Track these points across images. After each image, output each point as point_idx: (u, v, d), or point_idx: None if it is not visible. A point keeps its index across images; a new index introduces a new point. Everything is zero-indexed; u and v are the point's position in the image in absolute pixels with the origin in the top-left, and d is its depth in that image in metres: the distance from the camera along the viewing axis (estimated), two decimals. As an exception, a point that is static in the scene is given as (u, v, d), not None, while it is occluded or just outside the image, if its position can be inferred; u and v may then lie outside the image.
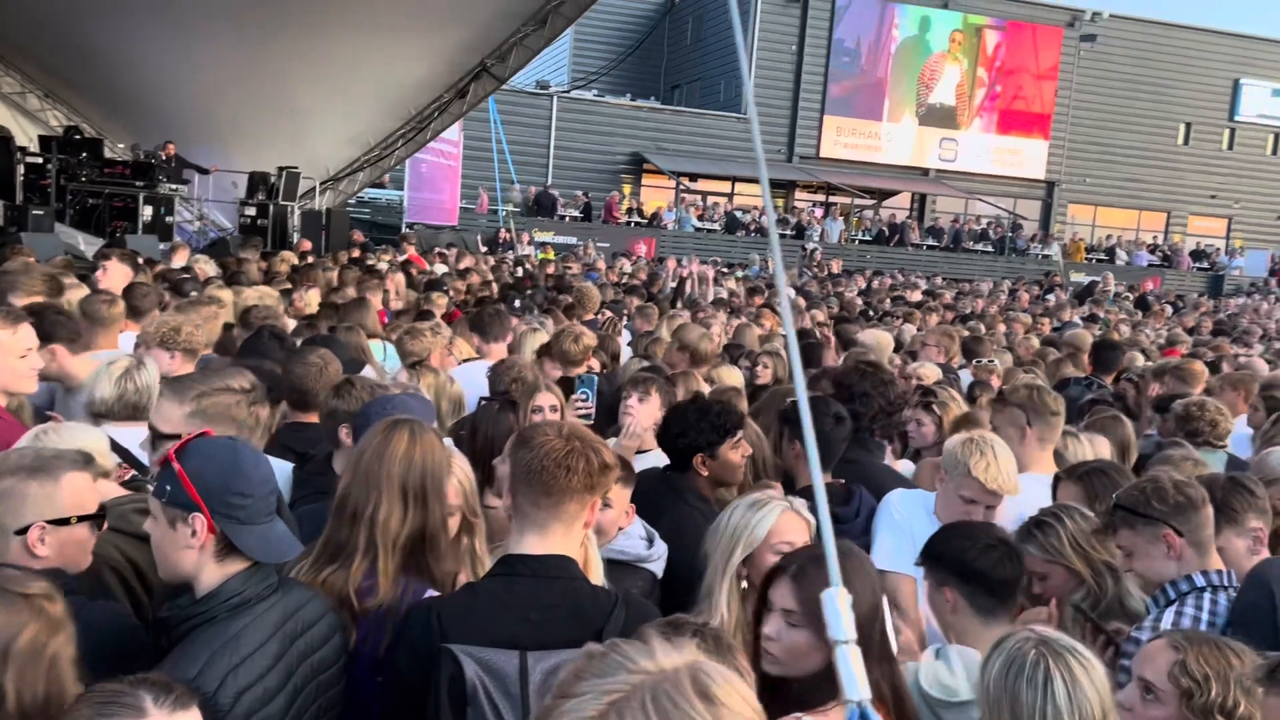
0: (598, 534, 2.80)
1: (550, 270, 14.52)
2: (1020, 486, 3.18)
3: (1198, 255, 33.43)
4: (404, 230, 19.38)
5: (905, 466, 4.50)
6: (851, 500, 3.41)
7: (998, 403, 3.91)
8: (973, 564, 2.45)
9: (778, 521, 2.54)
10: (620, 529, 2.98)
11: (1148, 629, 2.48)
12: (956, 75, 33.17)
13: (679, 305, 10.83)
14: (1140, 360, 8.38)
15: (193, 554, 2.01)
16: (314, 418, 3.46)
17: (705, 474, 3.34)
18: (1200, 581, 2.56)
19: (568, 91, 30.13)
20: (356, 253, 13.86)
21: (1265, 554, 2.78)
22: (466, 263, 14.15)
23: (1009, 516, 3.20)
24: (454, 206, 22.33)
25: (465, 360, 5.63)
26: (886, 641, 2.25)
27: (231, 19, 12.52)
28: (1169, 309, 19.24)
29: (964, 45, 33.10)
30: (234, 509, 2.01)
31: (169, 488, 2.01)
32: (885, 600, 2.27)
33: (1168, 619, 2.52)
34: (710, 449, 3.32)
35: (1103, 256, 31.39)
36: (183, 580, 2.05)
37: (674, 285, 13.35)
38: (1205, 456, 4.31)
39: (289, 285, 8.31)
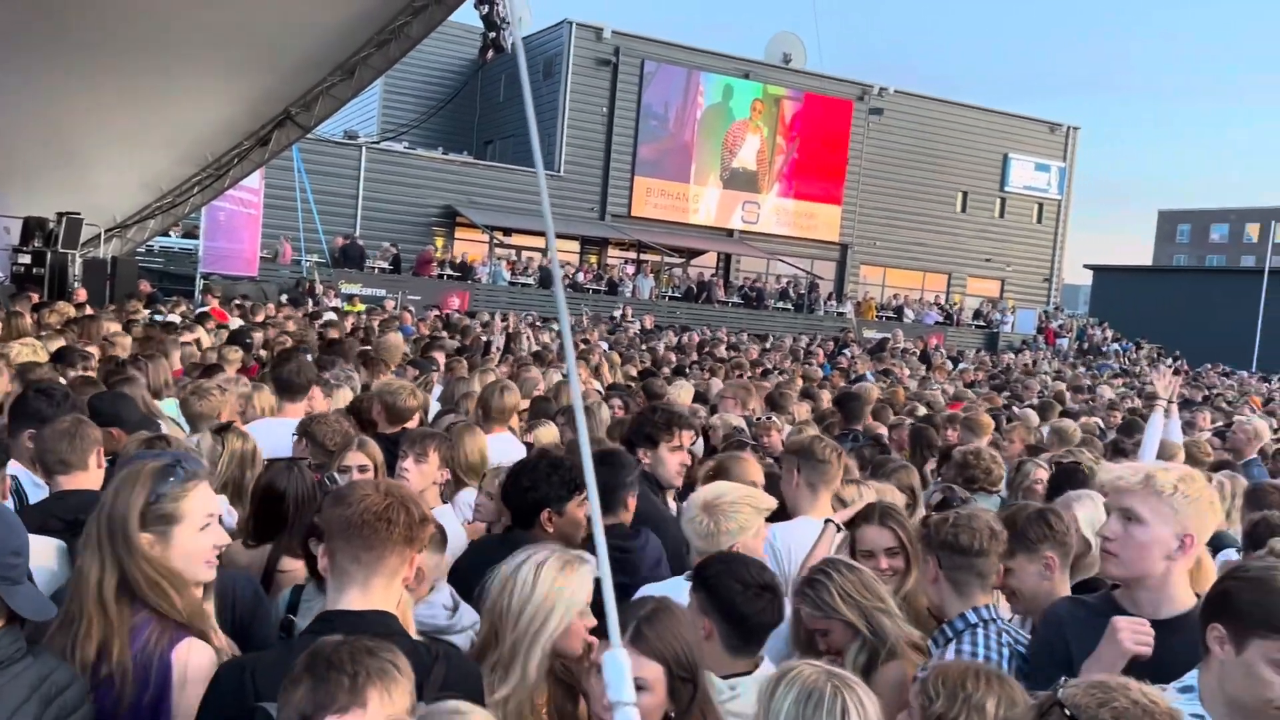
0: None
1: (351, 323, 14.11)
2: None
3: (976, 314, 36.23)
4: (203, 281, 18.44)
5: None
6: (639, 535, 3.53)
7: (783, 452, 4.13)
8: (740, 608, 2.56)
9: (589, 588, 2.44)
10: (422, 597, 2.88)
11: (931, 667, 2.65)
12: (757, 142, 34.86)
13: (509, 360, 10.74)
14: (922, 411, 8.96)
15: None
16: (80, 483, 3.23)
17: (551, 531, 3.27)
18: (972, 619, 2.78)
19: (377, 143, 29.64)
20: (139, 304, 13.04)
21: (1057, 580, 3.00)
22: (263, 315, 13.57)
23: (780, 553, 3.42)
24: (254, 257, 21.39)
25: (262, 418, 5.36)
26: (706, 699, 2.30)
27: (1, 51, 11.64)
28: (949, 364, 20.67)
29: (764, 114, 34.88)
30: (9, 569, 1.98)
31: None
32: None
33: (949, 656, 2.70)
34: (559, 504, 3.29)
35: (891, 314, 33.50)
36: None
37: (501, 341, 13.28)
38: (981, 501, 4.66)
39: (63, 340, 7.71)
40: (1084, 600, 2.74)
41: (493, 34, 12.80)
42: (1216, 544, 4.18)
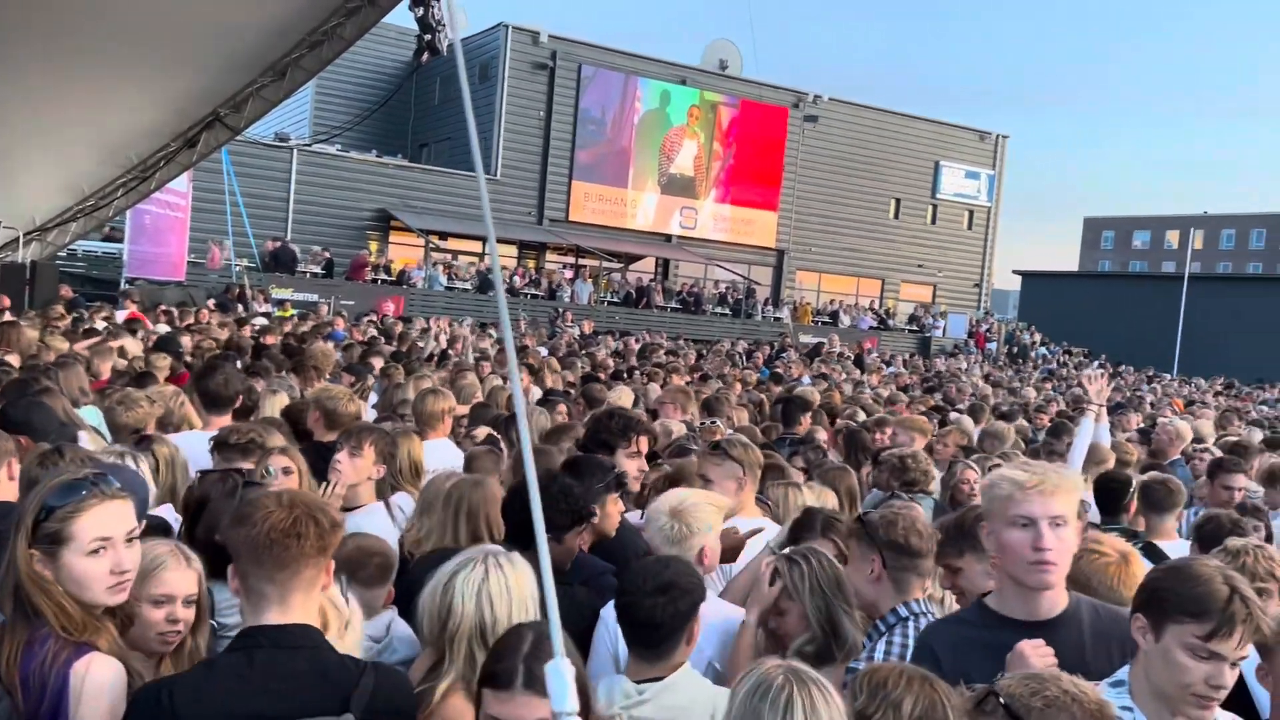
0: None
1: (286, 329, 13.86)
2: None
3: (910, 319, 36.87)
4: (125, 286, 17.95)
5: None
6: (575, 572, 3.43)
7: (715, 455, 4.11)
8: (628, 609, 2.57)
9: None
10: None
11: (863, 660, 2.69)
12: (694, 148, 35.05)
13: (447, 366, 10.62)
14: (862, 416, 9.06)
15: None
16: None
17: None
18: (904, 612, 2.85)
19: (309, 145, 29.15)
20: (63, 309, 12.66)
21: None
22: (192, 320, 13.24)
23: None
24: (181, 261, 20.87)
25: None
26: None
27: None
28: (884, 367, 20.98)
29: (701, 120, 35.09)
30: None
31: None
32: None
33: (880, 650, 2.76)
34: (560, 533, 3.18)
35: (827, 320, 33.91)
36: None
37: (442, 347, 13.17)
38: (917, 502, 4.71)
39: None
40: (958, 618, 2.72)
41: (428, 36, 12.64)
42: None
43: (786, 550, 3.02)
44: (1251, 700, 2.72)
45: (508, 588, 2.40)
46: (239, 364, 7.92)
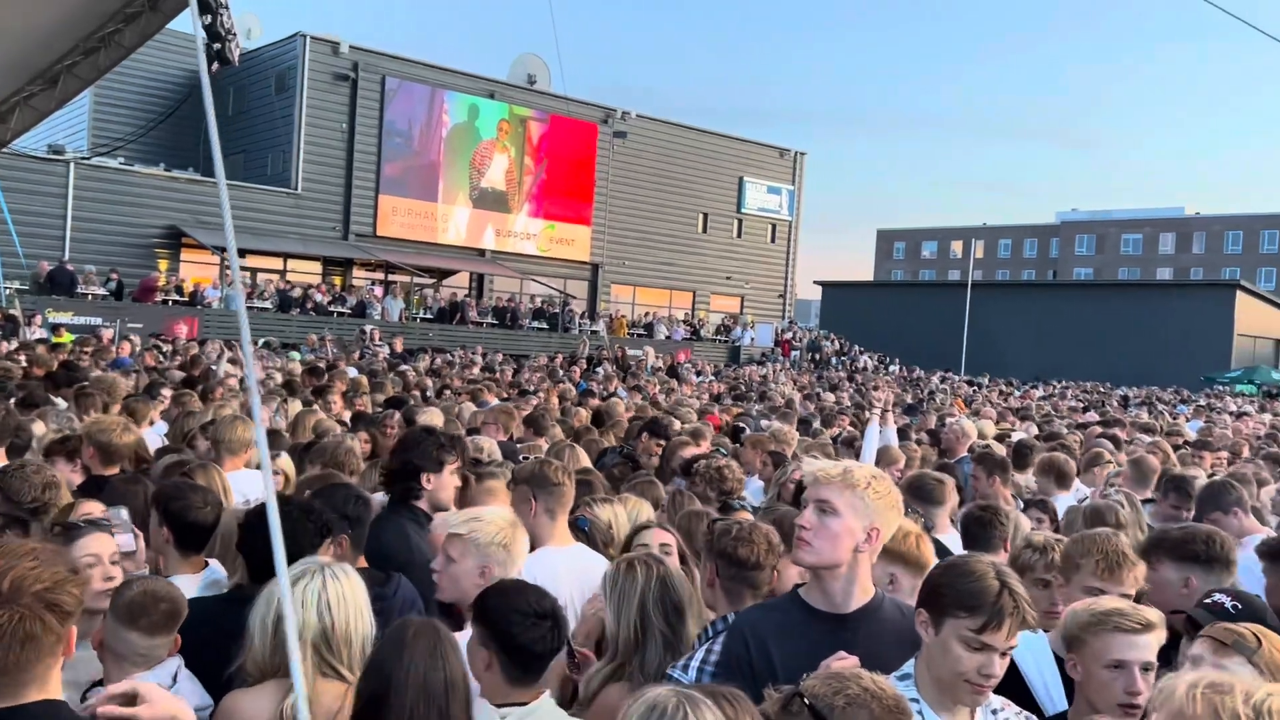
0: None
1: (63, 357, 12.80)
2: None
3: (721, 329, 37.96)
4: None
5: None
6: (390, 582, 3.36)
7: (512, 481, 4.03)
8: (517, 638, 2.54)
9: None
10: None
11: (679, 667, 2.75)
12: (505, 162, 34.88)
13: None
14: (678, 425, 9.22)
15: None
16: None
17: None
18: (721, 626, 2.90)
19: (87, 158, 27.14)
20: None
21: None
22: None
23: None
24: (-60, 284, 19.02)
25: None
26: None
27: None
28: (695, 377, 21.49)
29: (511, 134, 34.97)
30: None
31: None
32: None
33: (698, 656, 2.77)
34: (312, 552, 3.07)
35: (642, 332, 34.44)
36: None
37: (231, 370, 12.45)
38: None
39: None
40: (770, 605, 2.86)
41: (217, 45, 12.00)
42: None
43: (624, 556, 3.04)
44: (1025, 686, 2.94)
45: (344, 595, 2.53)
46: (13, 400, 7.29)
